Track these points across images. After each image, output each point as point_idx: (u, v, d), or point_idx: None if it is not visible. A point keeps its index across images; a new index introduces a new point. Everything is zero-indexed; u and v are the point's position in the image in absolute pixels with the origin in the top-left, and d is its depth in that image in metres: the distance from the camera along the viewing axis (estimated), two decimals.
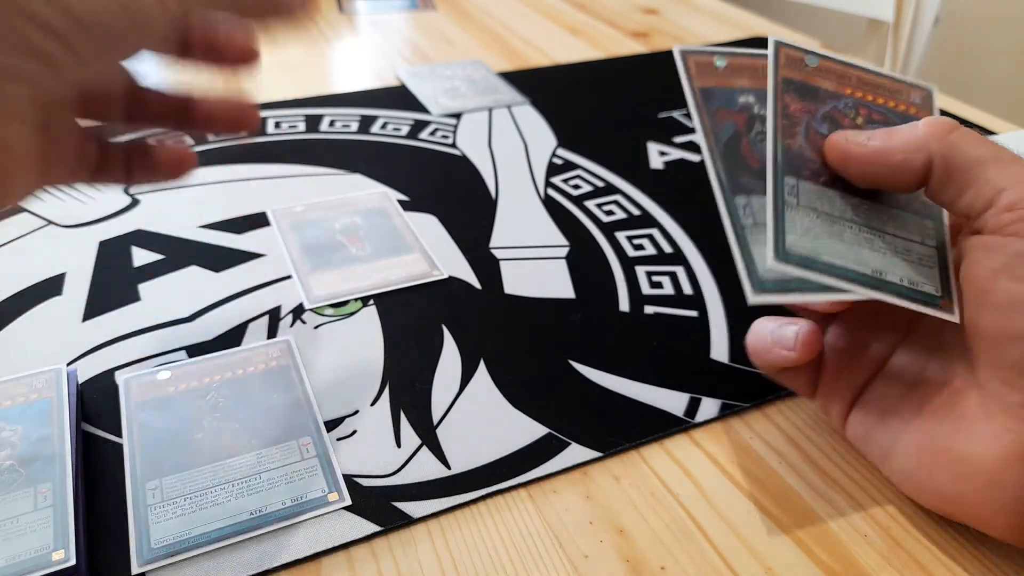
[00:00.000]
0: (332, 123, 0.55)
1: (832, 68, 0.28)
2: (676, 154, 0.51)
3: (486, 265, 0.40)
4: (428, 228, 0.43)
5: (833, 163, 0.26)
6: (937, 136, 0.24)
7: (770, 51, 0.28)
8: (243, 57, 0.23)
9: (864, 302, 0.25)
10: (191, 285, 0.38)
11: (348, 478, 0.28)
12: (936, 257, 0.27)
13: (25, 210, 0.44)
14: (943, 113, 0.29)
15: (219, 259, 0.40)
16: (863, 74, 0.29)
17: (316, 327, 0.35)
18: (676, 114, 0.57)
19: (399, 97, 0.59)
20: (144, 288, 0.37)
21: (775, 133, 0.26)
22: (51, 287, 0.37)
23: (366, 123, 0.55)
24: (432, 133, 0.54)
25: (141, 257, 0.40)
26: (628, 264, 0.40)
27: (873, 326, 0.28)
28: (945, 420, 0.24)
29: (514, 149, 0.51)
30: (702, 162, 0.51)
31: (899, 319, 0.27)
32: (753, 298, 0.24)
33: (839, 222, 0.26)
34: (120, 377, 0.32)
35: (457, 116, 0.56)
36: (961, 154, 0.23)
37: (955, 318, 0.25)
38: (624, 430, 0.30)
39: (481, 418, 0.31)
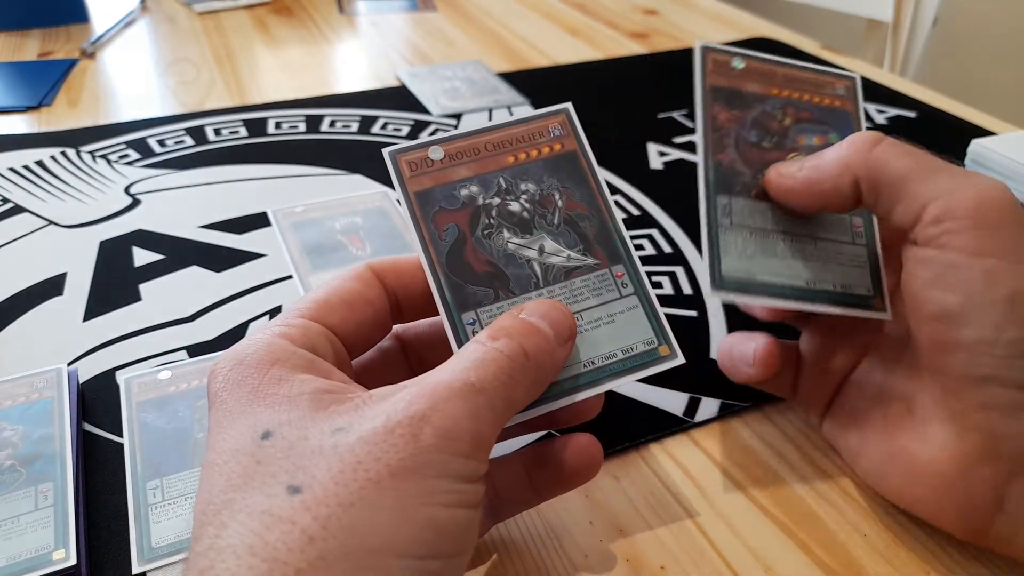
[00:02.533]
0: (333, 123, 0.55)
1: (758, 68, 0.28)
2: (676, 154, 0.51)
3: None
4: None
5: (774, 197, 0.26)
6: (860, 155, 0.24)
7: (696, 58, 0.27)
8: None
9: None
10: (192, 285, 0.38)
11: None
12: (866, 255, 0.27)
13: (26, 210, 0.44)
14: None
15: (220, 259, 0.40)
16: (788, 71, 0.28)
17: None
18: (676, 114, 0.57)
19: (399, 98, 0.59)
20: (145, 288, 0.38)
21: (705, 150, 0.26)
22: (52, 287, 0.37)
23: (366, 123, 0.55)
24: (432, 133, 0.54)
25: (142, 257, 0.40)
26: None
27: (841, 332, 0.28)
28: (903, 425, 0.25)
29: None
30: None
31: (864, 325, 0.28)
32: (713, 294, 0.25)
33: (772, 235, 0.26)
34: (121, 377, 0.32)
35: (457, 116, 0.56)
36: (886, 170, 0.23)
37: (887, 315, 0.26)
38: (624, 430, 0.30)
39: None
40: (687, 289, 0.39)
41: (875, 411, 0.26)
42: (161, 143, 0.51)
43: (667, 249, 0.42)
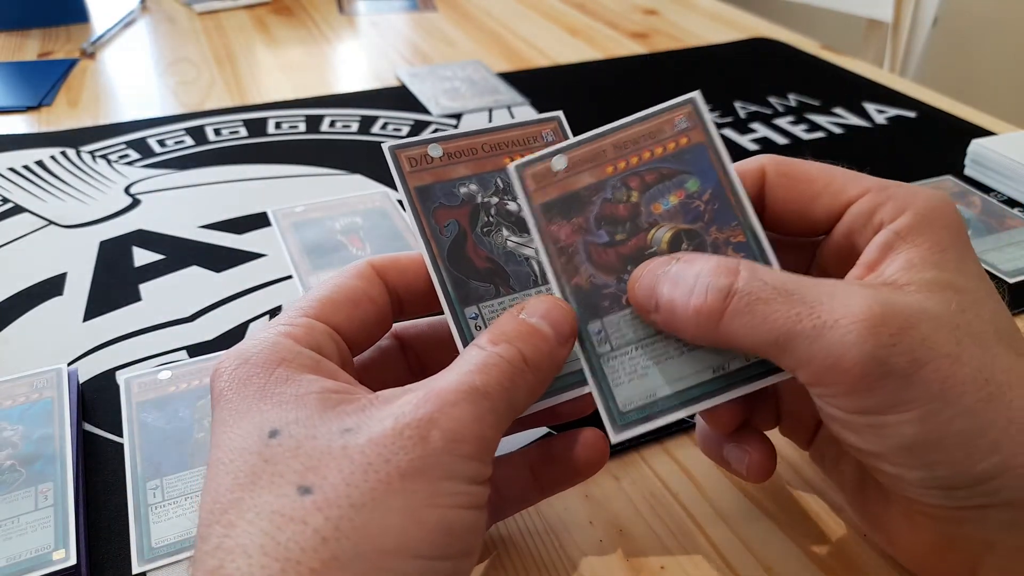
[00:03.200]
0: (333, 123, 0.55)
1: (583, 155, 0.23)
2: None
3: None
4: None
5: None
6: (709, 334, 0.21)
7: (513, 178, 0.23)
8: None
9: None
10: (192, 285, 0.38)
11: None
12: None
13: (27, 210, 0.44)
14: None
15: (220, 259, 0.40)
16: (616, 136, 0.24)
17: None
18: None
19: (399, 98, 0.59)
20: (145, 288, 0.38)
21: (559, 282, 0.22)
22: (52, 287, 0.37)
23: (367, 123, 0.55)
24: (432, 133, 0.54)
25: (142, 257, 0.40)
26: None
27: None
28: (876, 486, 0.23)
29: None
30: None
31: None
32: (615, 437, 0.22)
33: (659, 340, 0.23)
34: (121, 377, 0.32)
35: (457, 116, 0.56)
36: (740, 346, 0.21)
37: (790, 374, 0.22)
38: None
39: None
40: None
41: (849, 467, 0.24)
42: (161, 143, 0.51)
43: None
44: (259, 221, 0.43)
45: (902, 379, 0.19)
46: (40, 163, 0.48)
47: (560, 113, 0.26)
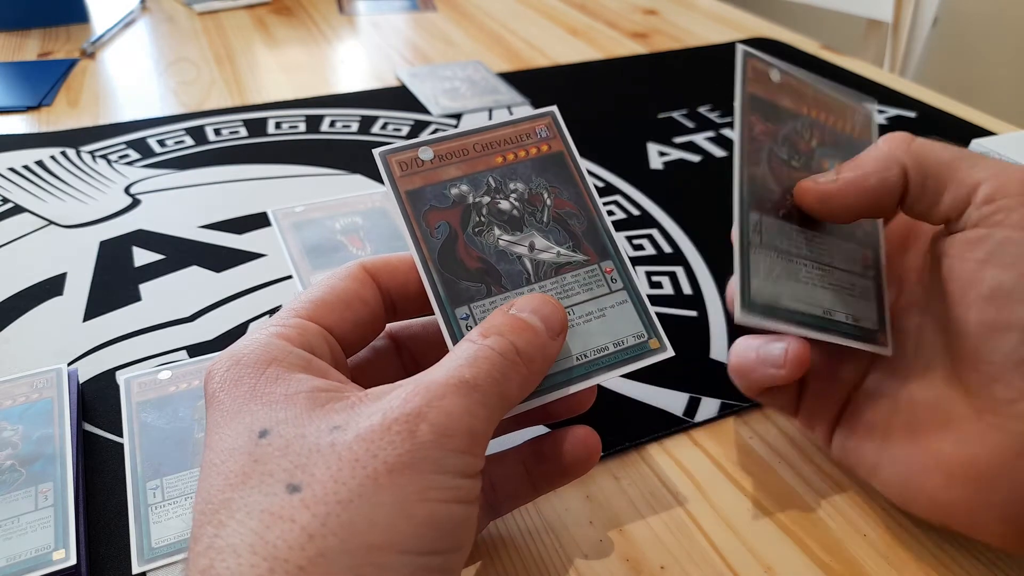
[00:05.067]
0: (333, 123, 0.55)
1: (791, 84, 0.27)
2: (676, 154, 0.51)
3: None
4: None
5: (810, 208, 0.26)
6: (902, 148, 0.24)
7: (738, 63, 0.26)
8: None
9: None
10: (192, 285, 0.38)
11: None
12: (873, 289, 0.27)
13: (27, 210, 0.44)
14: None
15: (220, 259, 0.40)
16: (816, 92, 0.28)
17: None
18: (676, 114, 0.57)
19: (399, 98, 0.59)
20: (145, 288, 0.38)
21: (742, 162, 0.25)
22: (52, 287, 0.37)
23: (367, 123, 0.55)
24: (432, 133, 0.54)
25: (142, 257, 0.40)
26: None
27: (846, 346, 0.27)
28: (931, 427, 0.24)
29: None
30: (702, 162, 0.51)
31: None
32: (740, 316, 0.24)
33: (796, 260, 0.26)
34: (121, 377, 0.32)
35: (457, 117, 0.56)
36: (931, 159, 0.24)
37: (888, 351, 0.26)
38: (624, 430, 0.30)
39: None
40: (687, 289, 0.39)
41: (896, 420, 0.25)
42: (161, 143, 0.51)
43: (667, 249, 0.42)
44: (259, 221, 0.43)
45: None
46: (40, 163, 0.48)
47: (554, 108, 0.26)
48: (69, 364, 0.33)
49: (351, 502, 0.17)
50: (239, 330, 0.35)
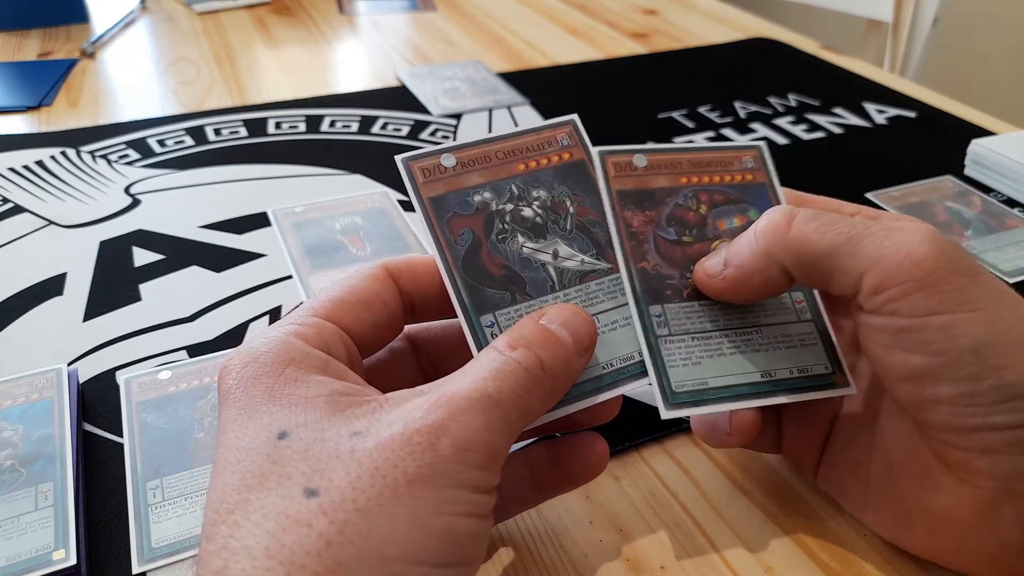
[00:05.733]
0: (333, 123, 0.55)
1: (661, 161, 0.26)
2: None
3: None
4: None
5: (710, 295, 0.25)
6: (778, 241, 0.22)
7: (596, 164, 0.25)
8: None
9: None
10: (192, 285, 0.38)
11: None
12: (815, 331, 0.26)
13: (27, 210, 0.44)
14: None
15: (220, 259, 0.40)
16: (692, 155, 0.27)
17: None
18: (676, 114, 0.57)
19: (399, 98, 0.59)
20: (145, 288, 0.38)
21: (626, 261, 0.24)
22: (52, 287, 0.37)
23: (367, 123, 0.55)
24: (432, 133, 0.54)
25: (142, 257, 0.40)
26: None
27: None
28: (910, 475, 0.23)
29: None
30: None
31: None
32: (667, 413, 0.23)
33: (714, 335, 0.25)
34: (121, 377, 0.32)
35: (457, 117, 0.56)
36: (807, 254, 0.22)
37: (851, 390, 0.25)
38: (624, 430, 0.30)
39: None
40: None
41: (875, 461, 0.24)
42: (161, 143, 0.51)
43: None
44: (259, 221, 0.43)
45: (968, 278, 0.20)
46: (40, 163, 0.48)
47: (575, 116, 0.26)
48: (69, 364, 0.33)
49: (370, 511, 0.17)
50: (239, 330, 0.35)
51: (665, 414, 0.23)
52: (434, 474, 0.17)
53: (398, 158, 0.24)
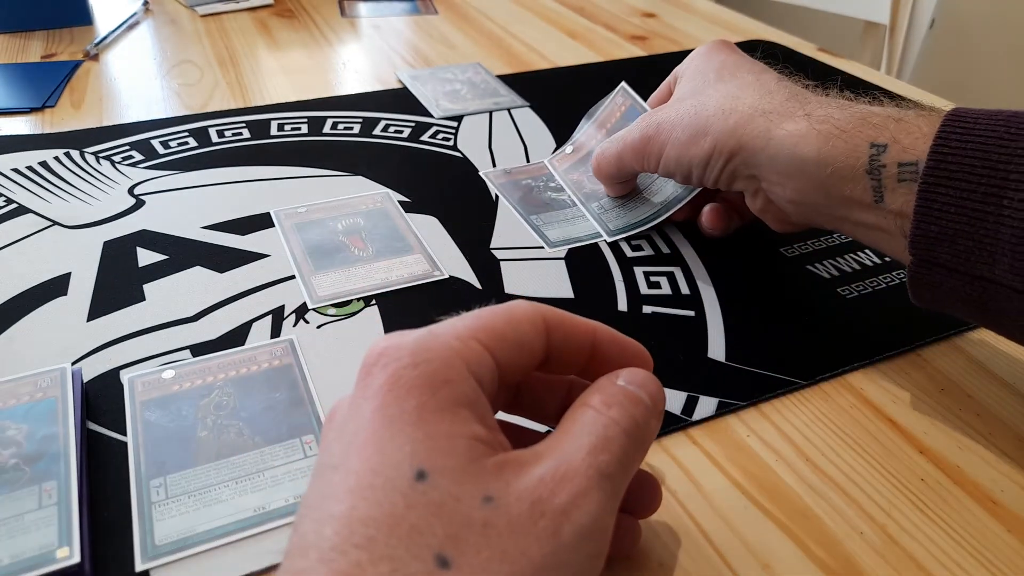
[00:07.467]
0: (335, 125, 0.55)
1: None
2: None
3: (486, 265, 0.40)
4: (429, 229, 0.43)
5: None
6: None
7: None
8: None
9: None
10: (195, 285, 0.38)
11: None
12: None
13: (31, 211, 0.44)
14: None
15: (223, 259, 0.40)
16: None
17: (319, 327, 0.36)
18: None
19: (400, 100, 0.59)
20: (149, 288, 0.38)
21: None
22: (56, 287, 0.38)
23: (368, 125, 0.55)
24: (433, 135, 0.54)
25: (146, 257, 0.40)
26: (626, 264, 0.41)
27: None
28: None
29: (514, 151, 0.52)
30: None
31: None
32: (610, 237, 0.30)
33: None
34: (125, 376, 0.32)
35: (458, 119, 0.56)
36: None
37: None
38: None
39: None
40: (685, 289, 0.39)
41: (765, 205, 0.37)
42: (164, 144, 0.52)
43: (665, 250, 0.42)
44: (262, 222, 0.43)
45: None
46: (44, 164, 0.49)
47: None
48: (73, 363, 0.33)
49: None
50: (242, 330, 0.35)
51: (610, 238, 0.34)
52: (559, 564, 0.18)
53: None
